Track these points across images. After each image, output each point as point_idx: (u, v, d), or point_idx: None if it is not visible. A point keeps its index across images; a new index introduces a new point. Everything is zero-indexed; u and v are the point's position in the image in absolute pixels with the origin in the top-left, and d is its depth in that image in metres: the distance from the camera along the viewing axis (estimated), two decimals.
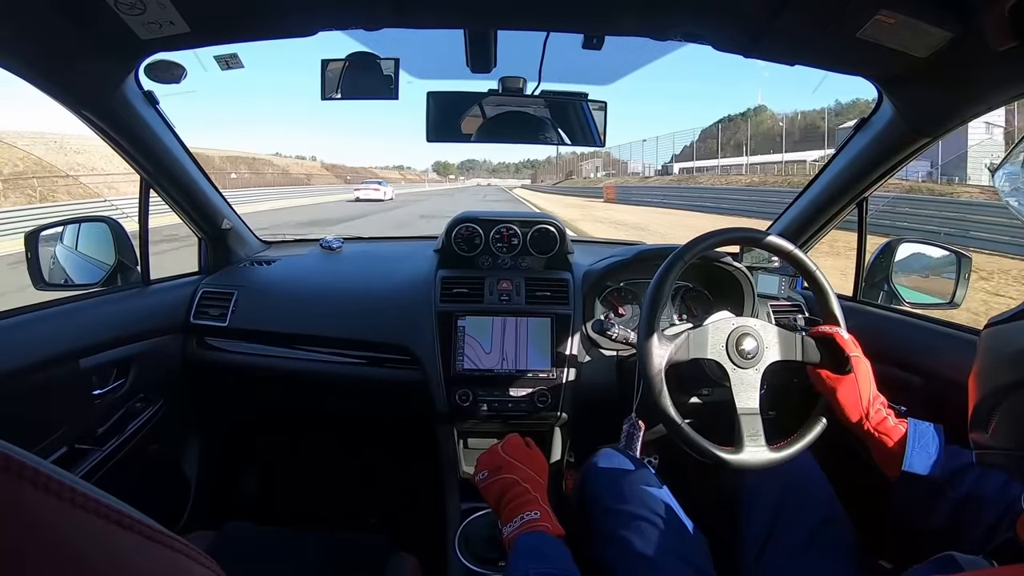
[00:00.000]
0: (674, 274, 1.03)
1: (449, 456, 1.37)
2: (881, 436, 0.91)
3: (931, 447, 0.86)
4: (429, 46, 1.22)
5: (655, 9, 0.99)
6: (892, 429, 0.91)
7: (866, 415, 0.93)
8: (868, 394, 0.94)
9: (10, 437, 0.21)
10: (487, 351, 1.35)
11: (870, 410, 0.93)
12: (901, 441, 0.88)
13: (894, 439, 0.89)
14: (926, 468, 0.85)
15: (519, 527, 0.84)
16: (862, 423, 0.93)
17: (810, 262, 1.07)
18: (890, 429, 0.91)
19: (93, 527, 0.21)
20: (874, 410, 0.93)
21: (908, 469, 0.85)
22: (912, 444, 0.87)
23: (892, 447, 0.89)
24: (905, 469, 0.85)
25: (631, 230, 14.00)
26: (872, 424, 0.92)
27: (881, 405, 0.94)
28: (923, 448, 0.86)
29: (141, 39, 0.94)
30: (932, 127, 1.13)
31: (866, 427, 0.92)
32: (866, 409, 0.93)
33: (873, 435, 0.92)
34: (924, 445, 0.86)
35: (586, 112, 1.28)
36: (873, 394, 0.95)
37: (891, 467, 0.89)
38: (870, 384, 0.95)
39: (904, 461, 0.86)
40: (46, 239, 1.31)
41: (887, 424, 0.91)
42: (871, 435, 0.92)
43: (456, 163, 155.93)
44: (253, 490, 1.88)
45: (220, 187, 1.54)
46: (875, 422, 0.92)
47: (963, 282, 1.33)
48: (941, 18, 0.85)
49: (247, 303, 1.50)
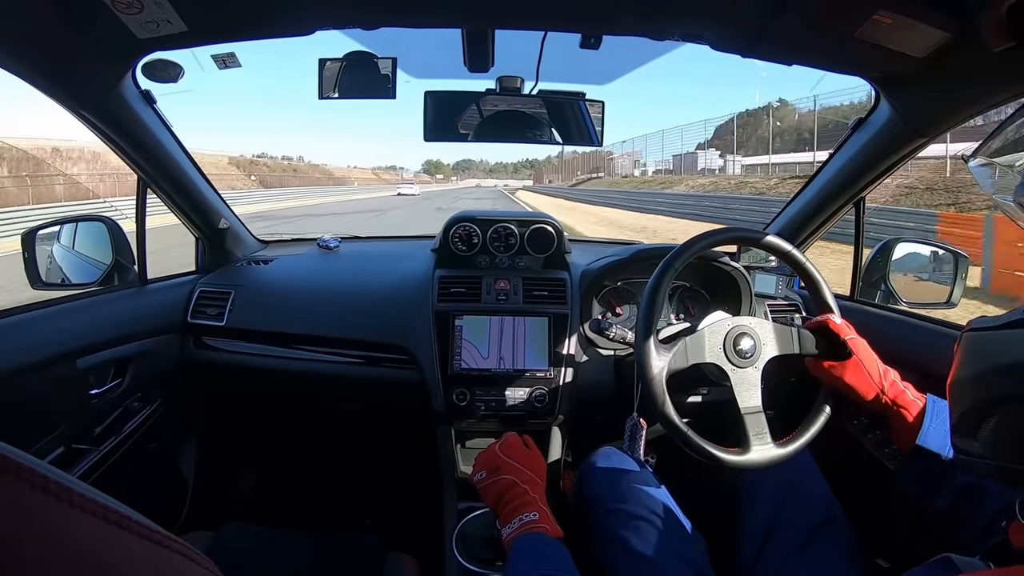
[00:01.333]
0: (671, 274, 1.03)
1: (447, 456, 1.37)
2: (900, 409, 0.89)
3: (947, 425, 0.85)
4: (427, 45, 1.22)
5: (653, 9, 0.99)
6: (911, 403, 0.90)
7: (882, 389, 0.92)
8: (877, 369, 0.93)
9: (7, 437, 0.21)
10: (484, 351, 1.35)
11: (884, 384, 0.92)
12: (920, 415, 0.87)
13: (913, 413, 0.88)
14: (941, 446, 0.83)
15: (518, 528, 0.84)
16: (880, 398, 0.91)
17: (807, 261, 1.07)
18: (909, 402, 0.90)
19: (90, 527, 0.21)
20: (888, 383, 0.92)
21: (922, 444, 0.84)
22: (930, 419, 0.86)
23: (911, 421, 0.88)
24: (919, 443, 0.84)
25: None
26: (890, 397, 0.91)
27: (895, 378, 0.93)
28: (940, 425, 0.85)
29: (138, 38, 0.93)
30: (929, 127, 1.13)
31: (884, 400, 0.91)
32: (880, 384, 0.92)
33: (892, 408, 0.90)
34: (942, 422, 0.85)
35: (584, 111, 1.28)
36: (883, 368, 0.94)
37: (905, 441, 0.88)
38: (875, 360, 0.95)
39: (919, 435, 0.85)
40: (43, 238, 1.31)
41: (906, 397, 0.90)
42: (890, 408, 0.90)
43: (450, 163, 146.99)
44: (250, 490, 1.88)
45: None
46: (892, 395, 0.91)
47: (960, 281, 1.34)
48: (939, 18, 0.85)
49: (244, 303, 1.50)
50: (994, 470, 0.59)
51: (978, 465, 0.61)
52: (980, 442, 0.60)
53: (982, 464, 0.60)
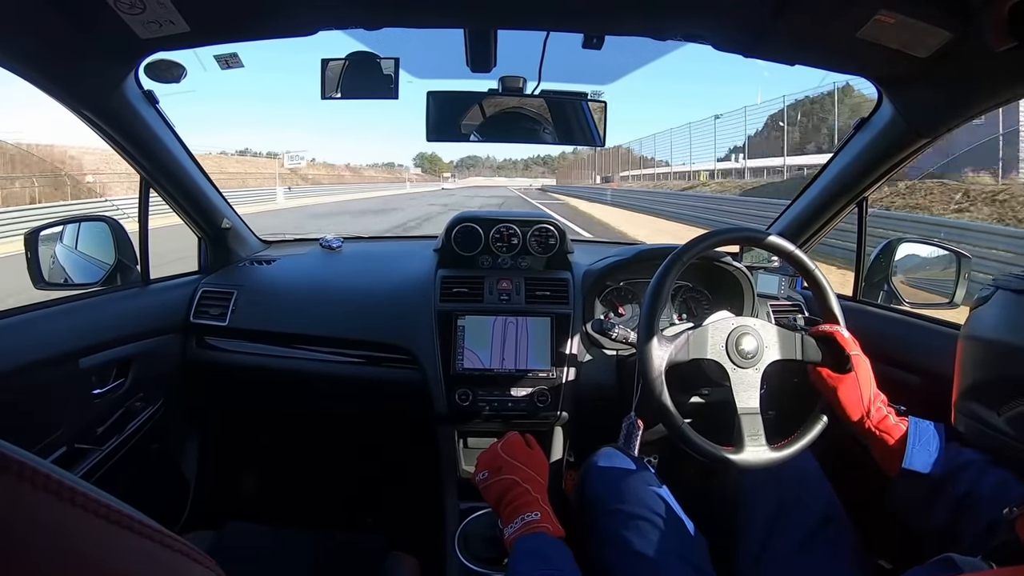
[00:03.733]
0: (674, 274, 1.03)
1: (449, 456, 1.37)
2: (882, 434, 0.91)
3: (932, 445, 0.86)
4: (429, 45, 1.22)
5: (656, 9, 0.99)
6: (893, 427, 0.91)
7: (867, 413, 0.93)
8: (869, 393, 0.94)
9: (10, 436, 0.21)
10: (487, 351, 1.35)
11: (871, 408, 0.93)
12: (902, 439, 0.88)
13: (895, 437, 0.90)
14: (926, 466, 0.85)
15: (520, 528, 0.84)
16: (863, 421, 0.93)
17: (810, 262, 1.07)
18: (891, 427, 0.91)
19: (92, 526, 0.21)
20: (875, 408, 0.93)
21: (908, 467, 0.85)
22: (913, 442, 0.87)
23: (893, 445, 0.89)
24: (905, 467, 0.85)
25: None
26: (873, 422, 0.92)
27: (882, 404, 0.94)
28: (924, 446, 0.86)
29: (141, 38, 0.94)
30: (932, 127, 1.13)
31: (867, 425, 0.92)
32: (867, 407, 0.93)
33: (874, 433, 0.92)
34: (925, 443, 0.86)
35: (586, 111, 1.28)
36: (874, 392, 0.95)
37: (891, 465, 0.89)
38: (871, 383, 0.95)
39: (904, 459, 0.86)
40: (46, 239, 1.31)
41: (888, 422, 0.92)
42: (872, 433, 0.92)
43: (449, 160, 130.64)
44: (252, 490, 1.88)
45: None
46: (876, 420, 0.92)
47: (963, 282, 1.34)
48: (941, 18, 0.85)
49: (247, 303, 1.50)
50: (1013, 450, 0.58)
51: (996, 440, 0.59)
52: (1005, 419, 0.58)
53: (1001, 440, 0.58)
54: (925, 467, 0.84)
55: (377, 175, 69.30)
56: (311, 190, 39.82)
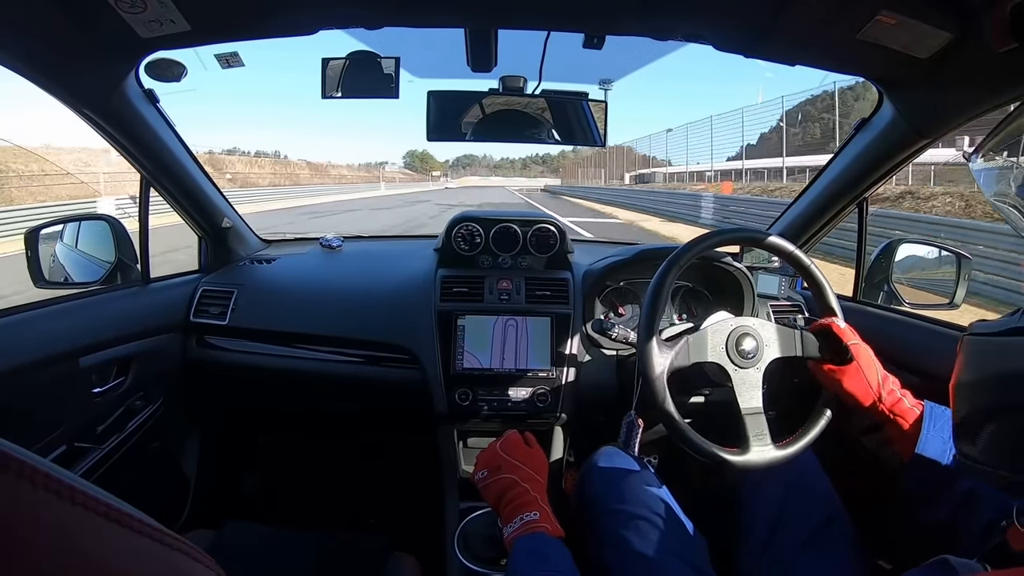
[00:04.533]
0: (674, 274, 1.03)
1: (448, 455, 1.37)
2: (896, 418, 0.90)
3: (946, 432, 0.84)
4: (430, 45, 1.22)
5: (656, 9, 0.99)
6: (907, 411, 0.90)
7: (879, 398, 0.92)
8: (876, 377, 0.93)
9: (10, 435, 0.21)
10: (487, 351, 1.35)
11: (882, 392, 0.92)
12: (917, 423, 0.88)
13: (909, 421, 0.89)
14: (940, 454, 0.83)
15: (519, 528, 0.84)
16: (876, 406, 0.92)
17: (810, 262, 1.07)
18: (905, 411, 0.90)
19: (92, 525, 0.21)
20: (886, 391, 0.92)
21: (921, 452, 0.84)
22: (928, 427, 0.86)
23: (907, 429, 0.88)
24: (918, 451, 0.84)
25: None
26: (887, 406, 0.91)
27: (894, 386, 0.93)
28: (938, 432, 0.85)
29: (142, 37, 0.94)
30: (932, 128, 1.13)
31: (881, 409, 0.91)
32: (877, 392, 0.92)
33: (889, 417, 0.91)
34: (939, 429, 0.85)
35: (586, 111, 1.28)
36: (882, 376, 0.94)
37: (905, 449, 0.88)
38: (875, 367, 0.95)
39: (918, 443, 0.85)
40: (46, 237, 1.31)
41: (902, 406, 0.90)
42: (887, 417, 0.91)
43: (445, 159, 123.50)
44: (252, 489, 1.88)
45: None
46: (889, 404, 0.91)
47: (963, 283, 1.34)
48: (942, 19, 0.85)
49: (247, 302, 1.50)
50: (992, 477, 0.59)
51: (977, 471, 0.60)
52: (979, 448, 0.59)
53: (981, 470, 0.60)
54: (938, 454, 0.83)
55: (348, 174, 64.10)
56: None
